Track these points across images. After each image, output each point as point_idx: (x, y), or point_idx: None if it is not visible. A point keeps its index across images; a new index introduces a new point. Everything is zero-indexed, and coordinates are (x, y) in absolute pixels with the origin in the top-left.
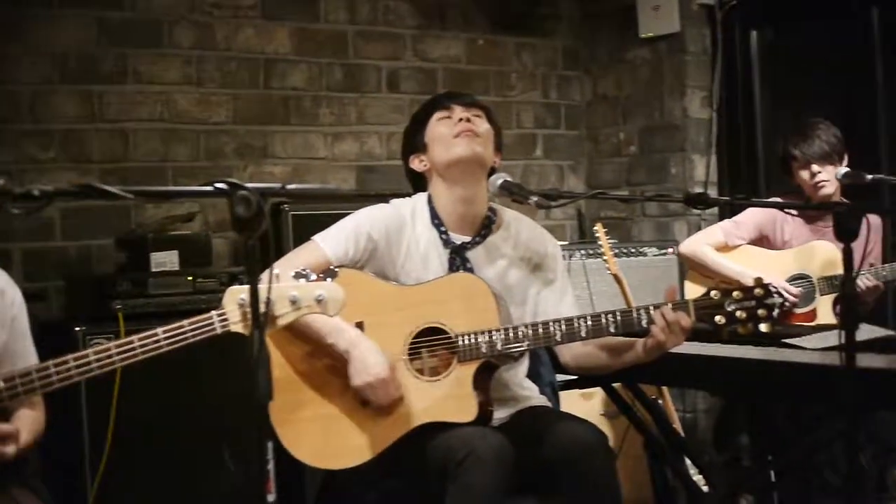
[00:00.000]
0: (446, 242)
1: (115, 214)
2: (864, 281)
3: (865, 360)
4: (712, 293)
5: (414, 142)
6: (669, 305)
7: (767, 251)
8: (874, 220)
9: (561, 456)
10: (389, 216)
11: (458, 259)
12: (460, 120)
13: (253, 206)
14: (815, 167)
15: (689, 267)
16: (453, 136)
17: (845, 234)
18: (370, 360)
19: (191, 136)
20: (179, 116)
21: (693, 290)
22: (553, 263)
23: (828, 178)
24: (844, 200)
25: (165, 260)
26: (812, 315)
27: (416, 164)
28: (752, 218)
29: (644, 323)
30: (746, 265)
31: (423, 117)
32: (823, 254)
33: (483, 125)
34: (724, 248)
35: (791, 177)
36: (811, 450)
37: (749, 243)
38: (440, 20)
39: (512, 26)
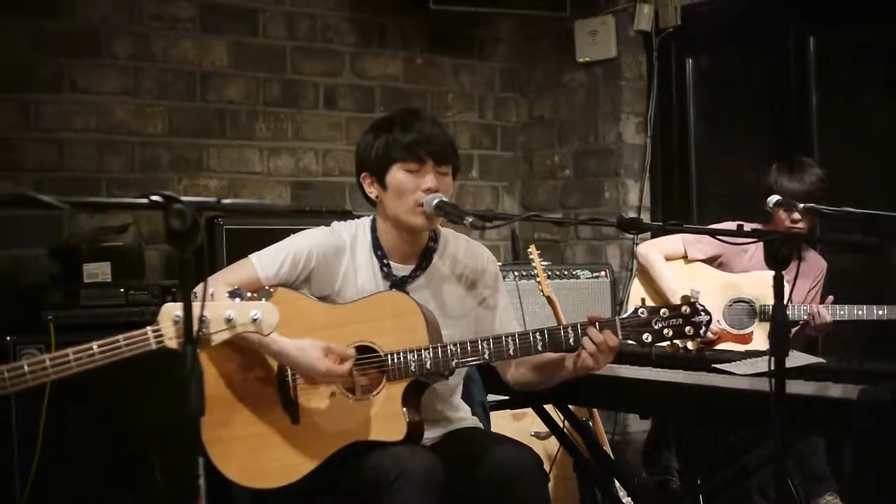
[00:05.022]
0: (387, 275)
1: (48, 224)
2: (823, 314)
3: (795, 387)
4: (640, 311)
5: (370, 165)
6: (597, 326)
7: (719, 273)
8: (820, 262)
9: (494, 477)
10: (328, 241)
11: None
12: (428, 189)
13: (188, 220)
14: (795, 211)
15: (639, 269)
16: (415, 202)
17: (776, 261)
18: (305, 361)
19: (126, 148)
20: (115, 127)
21: (637, 291)
22: (490, 280)
23: (804, 226)
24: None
25: (98, 271)
26: (749, 338)
27: (367, 185)
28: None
29: (571, 341)
30: (692, 282)
31: (390, 153)
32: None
33: (448, 186)
34: (683, 257)
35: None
36: (740, 474)
37: (706, 261)
38: (379, 38)
39: (450, 47)
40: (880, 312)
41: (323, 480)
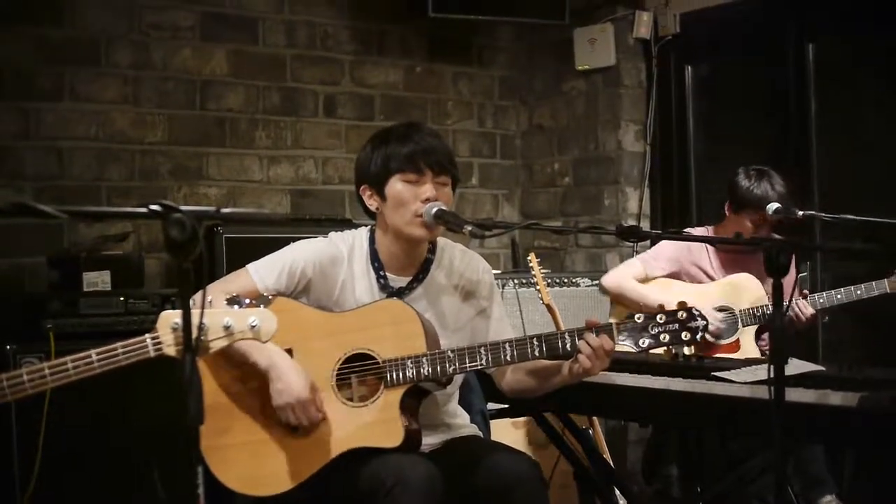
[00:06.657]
0: (383, 286)
1: (48, 233)
2: (804, 309)
3: (794, 395)
4: (636, 316)
5: (369, 177)
6: (594, 331)
7: (690, 284)
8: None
9: (494, 486)
10: (325, 252)
11: None
12: (427, 199)
13: (187, 230)
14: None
15: (613, 300)
16: (415, 212)
17: (776, 269)
18: (290, 379)
19: (126, 156)
20: (115, 136)
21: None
22: (486, 290)
23: (766, 231)
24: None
25: (97, 280)
26: (736, 346)
27: (367, 198)
28: (667, 249)
29: (568, 347)
30: (669, 297)
31: (389, 164)
32: (746, 286)
33: (447, 197)
34: (644, 279)
35: (736, 210)
36: (741, 482)
37: (668, 276)
38: (378, 47)
39: (449, 55)
40: (858, 292)
41: (321, 488)
